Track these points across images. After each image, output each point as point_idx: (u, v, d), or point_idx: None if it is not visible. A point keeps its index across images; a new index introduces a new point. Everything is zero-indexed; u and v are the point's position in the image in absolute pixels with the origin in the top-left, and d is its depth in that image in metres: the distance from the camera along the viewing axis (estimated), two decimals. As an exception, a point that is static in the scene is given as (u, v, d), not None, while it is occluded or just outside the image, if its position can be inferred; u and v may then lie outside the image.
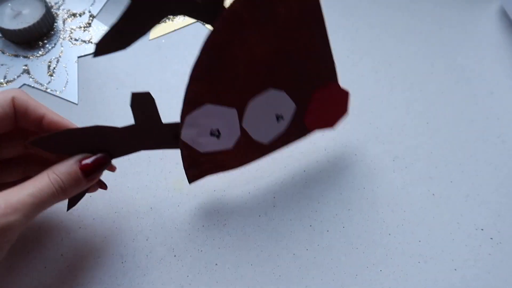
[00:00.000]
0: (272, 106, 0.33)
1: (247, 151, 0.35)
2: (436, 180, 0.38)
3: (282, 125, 0.35)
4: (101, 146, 0.31)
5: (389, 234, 0.35)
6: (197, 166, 0.34)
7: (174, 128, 0.32)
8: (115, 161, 0.33)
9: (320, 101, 0.35)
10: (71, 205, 0.33)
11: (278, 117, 0.34)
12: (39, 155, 0.32)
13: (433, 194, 0.37)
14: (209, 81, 0.30)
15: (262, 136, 0.35)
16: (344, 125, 0.41)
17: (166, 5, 0.27)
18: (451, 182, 0.38)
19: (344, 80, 0.43)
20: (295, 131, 0.36)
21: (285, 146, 0.37)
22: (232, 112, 0.32)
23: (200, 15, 0.29)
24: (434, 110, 0.42)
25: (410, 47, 0.46)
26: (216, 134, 0.33)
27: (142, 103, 0.31)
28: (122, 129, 0.31)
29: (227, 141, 0.34)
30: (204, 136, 0.33)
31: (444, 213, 0.36)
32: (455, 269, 0.34)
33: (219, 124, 0.33)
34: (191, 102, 0.31)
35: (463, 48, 0.46)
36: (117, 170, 0.35)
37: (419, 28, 0.48)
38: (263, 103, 0.33)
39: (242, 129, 0.33)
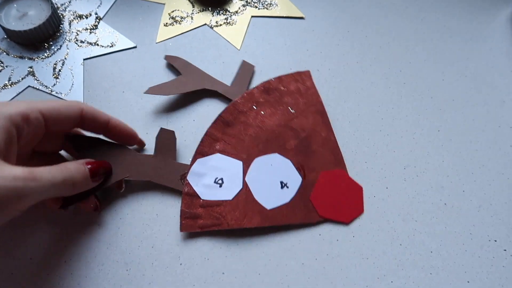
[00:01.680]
0: (277, 170, 0.37)
1: (246, 209, 0.35)
2: (447, 190, 0.37)
3: (287, 195, 0.36)
4: (120, 162, 0.35)
5: (400, 245, 0.35)
6: (193, 218, 0.35)
7: (184, 169, 0.36)
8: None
9: (328, 184, 0.37)
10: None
11: (283, 184, 0.36)
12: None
13: (445, 204, 0.37)
14: (223, 135, 0.38)
15: (264, 198, 0.35)
16: (354, 132, 0.40)
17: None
18: (463, 191, 0.37)
19: (354, 87, 0.43)
20: (302, 209, 0.35)
21: (289, 222, 0.35)
22: (239, 164, 0.37)
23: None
24: (445, 118, 0.41)
25: (420, 54, 0.46)
26: (219, 182, 0.36)
27: (166, 139, 0.37)
28: (141, 155, 0.36)
29: (229, 192, 0.35)
30: (208, 182, 0.36)
31: (456, 224, 0.36)
32: (468, 282, 0.33)
33: (225, 174, 0.36)
34: (203, 151, 0.37)
35: (474, 55, 0.46)
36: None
37: (429, 35, 0.47)
38: (268, 163, 0.37)
39: (245, 184, 0.36)
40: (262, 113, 0.39)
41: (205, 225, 0.34)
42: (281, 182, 0.36)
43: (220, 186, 0.36)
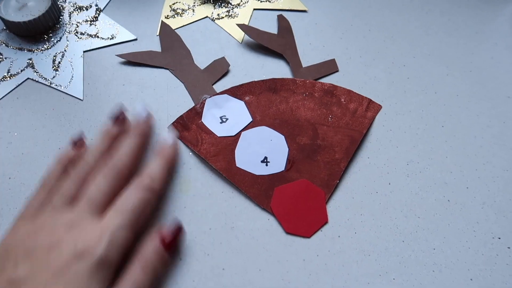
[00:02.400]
0: (271, 147, 0.37)
1: (220, 152, 0.37)
2: (451, 186, 0.37)
3: (260, 170, 0.36)
4: (176, 57, 0.43)
5: (403, 241, 0.34)
6: (183, 127, 0.38)
7: (210, 93, 0.40)
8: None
9: (300, 192, 0.36)
10: (123, 57, 0.41)
11: (265, 160, 0.37)
12: None
13: (448, 201, 0.36)
14: (260, 93, 0.40)
15: (241, 157, 0.37)
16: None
17: None
18: (467, 188, 0.37)
19: (356, 81, 0.42)
20: (262, 190, 0.36)
21: (243, 189, 0.36)
22: (248, 118, 0.39)
23: None
24: (449, 113, 0.41)
25: (424, 48, 0.45)
26: (223, 120, 0.39)
27: (220, 65, 0.42)
28: (194, 64, 0.43)
29: (222, 131, 0.38)
30: (216, 114, 0.39)
31: (459, 221, 0.35)
32: (471, 279, 0.33)
33: (232, 117, 0.39)
34: (235, 92, 0.40)
35: (479, 50, 0.45)
36: None
37: (434, 29, 0.46)
38: (270, 137, 0.38)
39: (238, 136, 0.38)
40: (305, 102, 0.40)
41: (186, 138, 0.38)
42: (265, 158, 0.37)
43: (221, 122, 0.38)
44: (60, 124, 0.39)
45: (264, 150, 0.37)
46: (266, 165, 0.37)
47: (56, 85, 0.41)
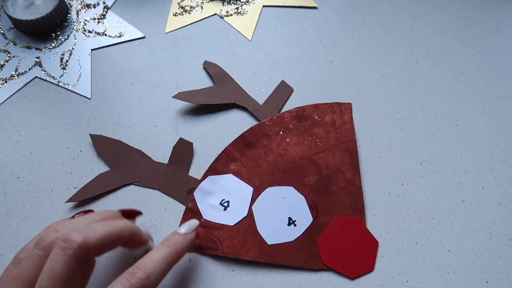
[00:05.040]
0: (288, 205, 0.34)
1: (246, 240, 0.33)
2: (466, 186, 0.36)
3: (292, 234, 0.33)
4: (134, 166, 0.36)
5: (416, 243, 0.33)
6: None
7: (193, 184, 0.35)
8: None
9: (340, 231, 0.33)
10: (75, 199, 0.34)
11: (291, 221, 0.33)
12: None
13: (463, 201, 0.35)
14: (240, 156, 0.36)
15: (267, 232, 0.33)
16: (368, 126, 0.39)
17: None
18: (482, 188, 0.36)
19: (368, 79, 0.42)
20: (306, 252, 0.33)
21: (288, 263, 0.32)
22: (249, 190, 0.35)
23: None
24: (464, 112, 0.40)
25: (438, 45, 0.44)
26: (225, 205, 0.34)
27: (183, 149, 0.37)
28: (156, 163, 0.37)
29: (232, 217, 0.34)
30: (214, 202, 0.34)
31: (474, 222, 0.34)
32: (487, 282, 0.32)
33: (232, 197, 0.34)
34: (216, 169, 0.36)
35: (494, 47, 0.44)
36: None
37: (447, 26, 0.45)
38: (281, 195, 0.35)
39: (251, 213, 0.34)
40: (288, 140, 0.37)
41: (201, 246, 0.33)
42: (290, 219, 0.34)
43: (225, 209, 0.34)
44: (68, 123, 0.38)
45: (284, 212, 0.34)
46: (295, 225, 0.33)
47: (64, 84, 0.40)
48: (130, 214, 0.32)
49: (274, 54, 0.43)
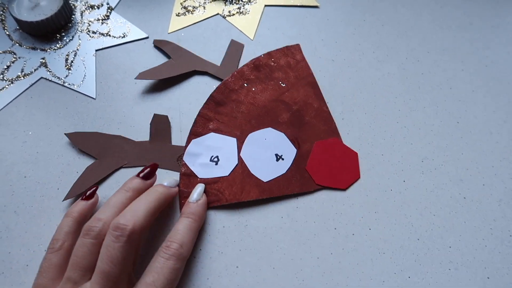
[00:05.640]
0: (271, 144, 0.37)
1: (244, 184, 0.35)
2: (467, 183, 0.36)
3: (283, 167, 0.36)
4: (118, 151, 0.37)
5: (418, 239, 0.34)
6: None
7: (180, 152, 0.37)
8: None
9: (323, 153, 0.37)
10: (70, 195, 0.35)
11: (278, 157, 0.37)
12: None
13: (464, 198, 0.36)
14: (215, 115, 0.39)
15: (260, 172, 0.36)
16: (370, 124, 0.39)
17: None
18: (483, 185, 0.36)
19: (370, 77, 0.42)
20: (299, 179, 0.36)
21: (286, 192, 0.35)
22: (232, 141, 0.37)
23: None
24: (465, 109, 0.40)
25: (439, 43, 0.44)
26: (215, 160, 0.36)
27: (160, 124, 0.38)
28: (138, 142, 0.38)
29: (225, 169, 0.36)
30: (204, 161, 0.36)
31: (476, 218, 0.35)
32: (488, 278, 0.32)
33: (220, 151, 0.37)
34: (197, 132, 0.38)
35: (495, 44, 0.44)
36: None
37: (448, 24, 0.46)
38: (262, 137, 0.38)
39: (241, 160, 0.37)
40: (253, 89, 0.40)
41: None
42: (276, 155, 0.37)
43: (216, 163, 0.36)
44: (73, 123, 0.39)
45: (270, 151, 0.37)
46: (282, 159, 0.37)
47: (69, 84, 0.41)
48: (150, 173, 0.34)
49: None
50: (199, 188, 0.34)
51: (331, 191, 0.36)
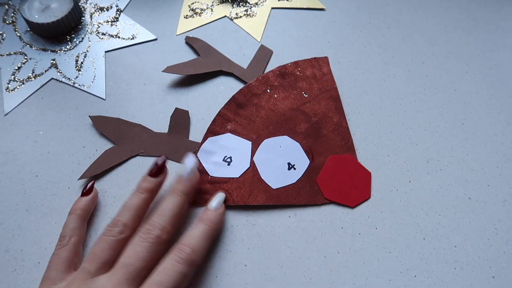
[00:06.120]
0: (285, 152, 0.37)
1: (252, 188, 0.36)
2: (472, 184, 0.37)
3: (293, 176, 0.36)
4: (137, 139, 0.38)
5: (424, 239, 0.34)
6: (200, 193, 0.36)
7: (195, 147, 0.38)
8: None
9: (336, 168, 0.37)
10: (86, 175, 0.36)
11: (290, 166, 0.37)
12: None
13: (469, 198, 0.36)
14: (234, 116, 0.39)
15: (270, 178, 0.36)
16: (376, 125, 0.40)
17: None
18: (488, 186, 0.37)
19: (375, 79, 0.42)
20: (308, 190, 0.36)
21: (293, 202, 0.35)
22: (248, 144, 0.38)
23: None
24: (470, 110, 0.41)
25: (444, 46, 0.45)
26: (228, 160, 0.37)
27: (180, 118, 0.39)
28: (156, 134, 0.39)
29: (236, 170, 0.37)
30: (217, 160, 0.37)
31: (481, 218, 0.35)
32: (493, 277, 0.33)
33: (233, 152, 0.37)
34: (214, 131, 0.39)
35: (499, 47, 0.45)
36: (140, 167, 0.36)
37: (453, 26, 0.46)
38: (277, 144, 0.38)
39: (253, 164, 0.37)
40: (275, 96, 0.40)
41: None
42: (289, 164, 0.37)
43: (228, 164, 0.37)
44: (84, 123, 0.39)
45: (283, 159, 0.37)
46: (294, 169, 0.37)
47: (79, 85, 0.41)
48: (159, 170, 0.34)
49: (282, 55, 0.44)
50: (220, 197, 0.34)
51: (337, 191, 0.36)
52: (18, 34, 0.44)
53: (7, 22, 0.45)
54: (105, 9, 0.46)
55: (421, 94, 0.42)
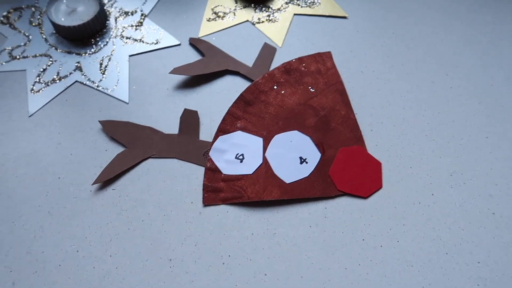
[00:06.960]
0: (296, 146, 0.38)
1: (266, 183, 0.36)
2: (496, 198, 0.36)
3: (306, 170, 0.37)
4: (148, 142, 0.39)
5: (446, 254, 0.34)
6: (215, 192, 0.36)
7: (206, 147, 0.38)
8: (165, 162, 0.33)
9: (347, 160, 0.38)
10: (99, 180, 0.36)
11: (302, 160, 0.37)
12: None
13: (493, 213, 0.36)
14: (244, 114, 0.40)
15: (283, 173, 0.37)
16: (399, 136, 0.39)
17: None
18: (513, 201, 0.36)
19: (398, 89, 0.42)
20: (321, 183, 0.36)
21: (307, 195, 0.36)
22: (259, 140, 0.38)
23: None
24: (494, 124, 0.40)
25: (468, 58, 0.44)
26: (240, 158, 0.37)
27: (190, 118, 0.40)
28: (167, 135, 0.39)
29: (249, 167, 0.37)
30: (229, 158, 0.37)
31: (505, 234, 0.35)
32: (517, 295, 0.32)
33: (245, 150, 0.38)
34: (225, 129, 0.39)
35: (525, 59, 0.44)
36: (167, 173, 0.37)
37: (478, 38, 0.46)
38: (288, 139, 0.38)
39: (265, 159, 0.37)
40: (283, 92, 0.41)
41: (227, 198, 0.36)
42: (300, 158, 0.37)
43: (241, 161, 0.37)
44: (106, 127, 0.40)
45: (294, 153, 0.38)
46: (306, 162, 0.37)
47: (103, 88, 0.42)
48: None
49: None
50: None
51: (358, 201, 0.36)
52: (44, 37, 0.44)
53: (34, 24, 0.45)
54: (129, 14, 0.46)
55: (445, 106, 0.41)
